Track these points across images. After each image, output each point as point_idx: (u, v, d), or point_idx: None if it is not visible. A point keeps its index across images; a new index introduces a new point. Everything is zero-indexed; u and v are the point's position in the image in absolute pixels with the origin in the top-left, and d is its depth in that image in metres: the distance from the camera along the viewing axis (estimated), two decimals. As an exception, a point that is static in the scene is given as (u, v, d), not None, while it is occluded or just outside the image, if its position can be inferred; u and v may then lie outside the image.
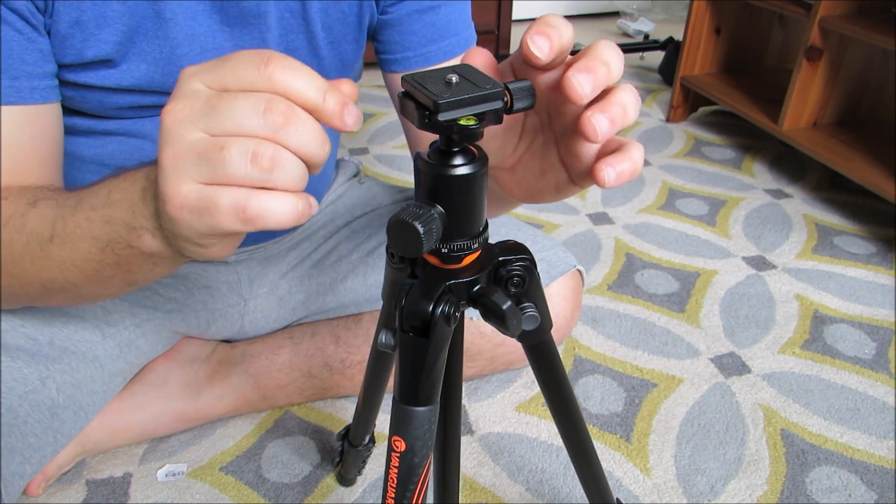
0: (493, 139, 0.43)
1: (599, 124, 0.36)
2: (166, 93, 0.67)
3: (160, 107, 0.70)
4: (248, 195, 0.35)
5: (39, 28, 0.59)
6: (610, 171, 0.37)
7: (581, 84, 0.35)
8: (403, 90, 0.38)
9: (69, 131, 0.72)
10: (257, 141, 0.34)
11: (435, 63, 0.77)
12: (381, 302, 0.53)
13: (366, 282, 0.92)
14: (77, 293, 0.56)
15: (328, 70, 0.76)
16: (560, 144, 0.42)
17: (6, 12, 0.56)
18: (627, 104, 0.36)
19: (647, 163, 1.71)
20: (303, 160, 0.36)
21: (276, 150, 0.35)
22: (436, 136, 0.39)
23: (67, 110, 0.69)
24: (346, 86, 0.37)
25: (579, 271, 0.95)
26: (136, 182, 0.44)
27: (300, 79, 0.35)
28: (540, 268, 0.47)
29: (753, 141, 1.83)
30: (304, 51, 0.72)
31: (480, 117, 0.36)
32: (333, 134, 0.92)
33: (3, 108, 0.57)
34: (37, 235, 0.51)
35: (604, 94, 0.37)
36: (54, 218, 0.50)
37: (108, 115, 0.70)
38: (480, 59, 0.38)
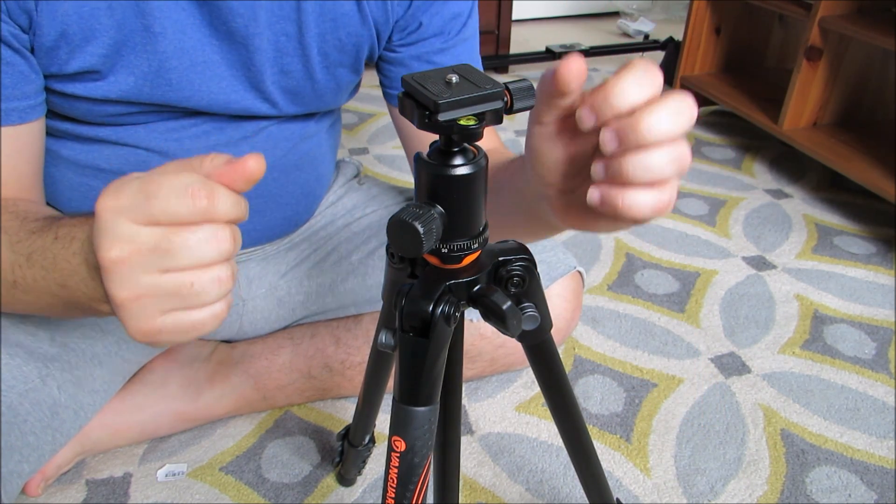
0: (561, 163, 0.42)
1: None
2: (155, 104, 0.68)
3: (151, 113, 0.70)
4: (221, 307, 0.41)
5: (21, 49, 0.60)
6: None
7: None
8: (404, 90, 0.38)
9: (63, 136, 0.72)
10: (213, 267, 0.39)
11: None
12: (382, 303, 0.53)
13: (366, 282, 0.92)
14: (51, 317, 0.63)
15: (323, 92, 0.76)
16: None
17: None
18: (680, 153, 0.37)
19: (647, 163, 1.71)
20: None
21: (230, 266, 0.40)
22: (435, 137, 0.39)
23: (61, 116, 0.69)
24: (252, 162, 0.39)
25: (579, 272, 0.95)
26: (76, 255, 0.46)
27: (226, 203, 0.38)
28: (539, 269, 0.47)
29: (753, 141, 1.83)
30: (299, 74, 0.72)
31: (480, 117, 0.36)
32: (334, 136, 0.91)
33: None
34: (3, 276, 0.52)
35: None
36: (12, 262, 0.51)
37: (100, 122, 0.70)
38: (576, 64, 0.36)
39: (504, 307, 0.41)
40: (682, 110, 0.35)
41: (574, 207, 0.44)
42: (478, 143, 0.40)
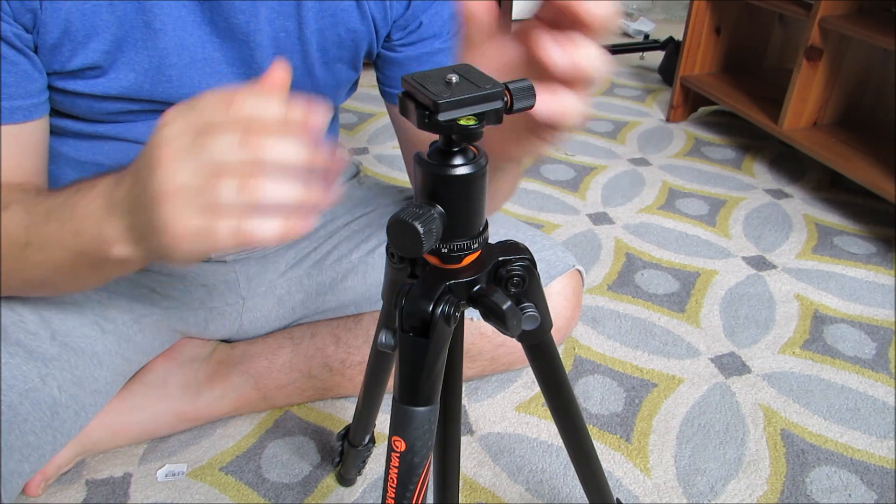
0: None
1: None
2: (154, 101, 0.68)
3: (151, 112, 0.70)
4: (241, 220, 0.40)
5: (24, 49, 0.60)
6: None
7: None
8: (403, 90, 0.38)
9: (64, 133, 0.72)
10: (245, 173, 0.40)
11: None
12: (382, 302, 0.53)
13: (366, 281, 0.92)
14: (56, 288, 0.65)
15: (322, 88, 0.77)
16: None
17: None
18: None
19: (647, 163, 1.71)
20: (292, 173, 0.40)
21: (257, 178, 0.40)
22: (434, 137, 0.39)
23: (61, 114, 0.69)
24: (278, 71, 0.43)
25: (579, 271, 0.95)
26: (97, 198, 0.49)
27: (259, 106, 0.40)
28: (538, 268, 0.48)
29: (753, 141, 1.83)
30: (299, 70, 0.72)
31: (480, 117, 0.36)
32: (332, 134, 0.92)
33: None
34: (14, 240, 0.55)
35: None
36: (27, 224, 0.54)
37: (100, 120, 0.70)
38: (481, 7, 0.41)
39: (504, 307, 0.41)
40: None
41: (503, 139, 0.47)
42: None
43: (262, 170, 0.40)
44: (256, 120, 0.40)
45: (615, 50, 2.37)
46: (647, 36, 2.62)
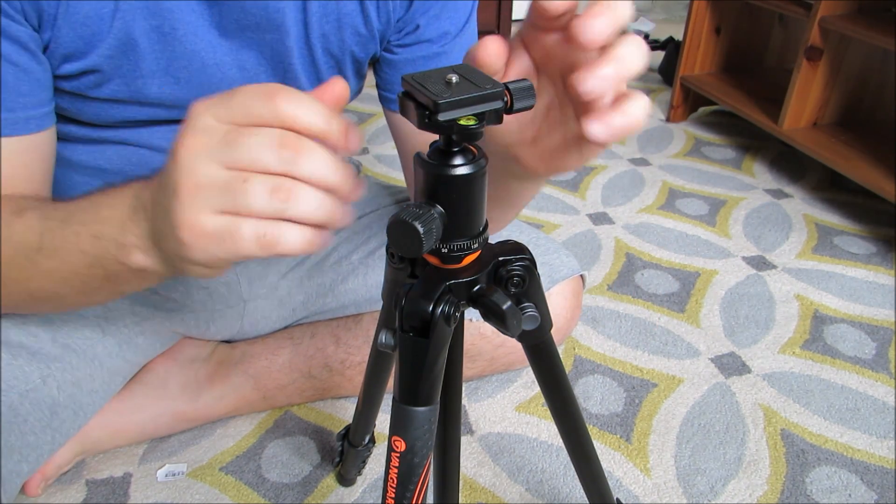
0: (525, 123, 0.43)
1: (592, 81, 0.35)
2: (163, 105, 0.67)
3: (159, 121, 0.69)
4: (267, 225, 0.37)
5: (38, 54, 0.59)
6: (597, 126, 0.37)
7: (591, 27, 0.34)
8: (403, 90, 0.38)
9: (67, 138, 0.71)
10: (277, 176, 0.36)
11: None
12: (382, 302, 0.53)
13: (366, 283, 0.92)
14: (63, 303, 0.58)
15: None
16: (576, 106, 0.40)
17: (5, 45, 0.55)
18: (626, 56, 0.36)
19: (647, 163, 1.71)
20: (322, 188, 0.38)
21: (294, 184, 0.37)
22: (434, 137, 0.39)
23: (64, 118, 0.69)
24: (338, 85, 0.39)
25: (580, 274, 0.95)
26: (124, 200, 0.45)
27: (304, 109, 0.37)
28: (542, 272, 0.47)
29: (753, 141, 1.83)
30: (305, 74, 0.72)
31: (480, 117, 0.36)
32: None
33: (3, 139, 0.58)
34: (24, 245, 0.51)
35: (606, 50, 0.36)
36: (42, 230, 0.51)
37: (105, 125, 0.70)
38: (493, 45, 0.38)
39: (504, 307, 0.41)
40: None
41: (544, 153, 0.44)
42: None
43: (299, 176, 0.37)
44: (299, 123, 0.37)
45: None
46: (647, 36, 2.62)
